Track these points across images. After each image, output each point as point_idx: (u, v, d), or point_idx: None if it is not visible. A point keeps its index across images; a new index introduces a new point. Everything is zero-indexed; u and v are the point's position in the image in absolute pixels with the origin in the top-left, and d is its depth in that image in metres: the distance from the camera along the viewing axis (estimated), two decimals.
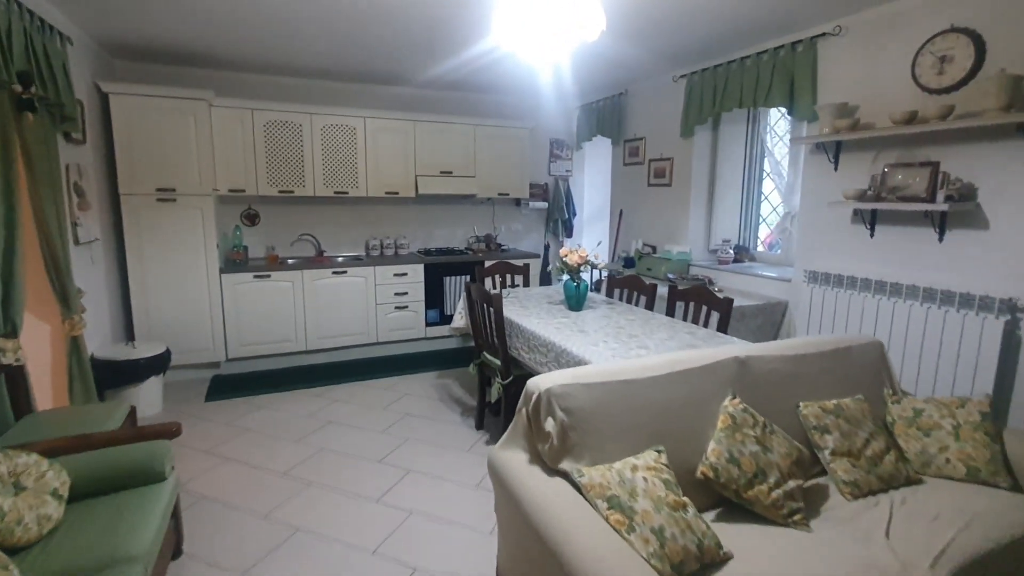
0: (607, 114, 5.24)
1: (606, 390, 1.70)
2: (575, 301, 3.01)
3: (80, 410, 2.44)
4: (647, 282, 3.35)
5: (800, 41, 3.35)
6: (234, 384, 4.00)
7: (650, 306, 3.23)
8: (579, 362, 2.20)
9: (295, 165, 4.39)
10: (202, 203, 3.92)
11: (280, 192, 4.38)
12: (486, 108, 5.40)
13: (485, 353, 3.13)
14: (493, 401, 2.91)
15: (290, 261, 4.58)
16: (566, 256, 2.99)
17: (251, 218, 4.64)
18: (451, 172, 4.95)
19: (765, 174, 4.43)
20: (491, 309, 2.87)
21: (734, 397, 1.84)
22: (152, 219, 3.81)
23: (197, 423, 3.33)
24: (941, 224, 2.76)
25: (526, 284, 4.13)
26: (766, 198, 4.52)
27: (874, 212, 3.05)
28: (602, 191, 6.13)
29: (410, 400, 3.72)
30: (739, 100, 3.76)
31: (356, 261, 4.60)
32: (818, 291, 3.31)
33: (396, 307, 4.66)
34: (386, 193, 4.74)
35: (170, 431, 2.03)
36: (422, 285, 4.73)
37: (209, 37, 3.59)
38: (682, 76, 4.35)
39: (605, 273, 4.74)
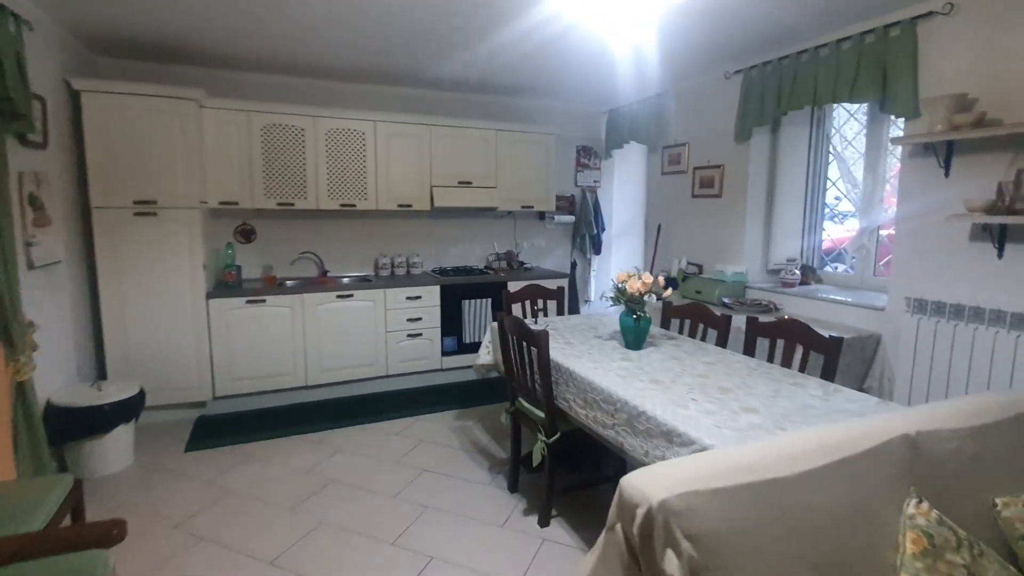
0: (642, 118, 4.71)
1: (745, 498, 1.12)
2: (634, 339, 2.44)
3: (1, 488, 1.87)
4: (717, 313, 2.77)
5: (896, 24, 2.81)
6: (221, 427, 3.44)
7: (722, 342, 2.65)
8: (668, 434, 1.62)
9: (296, 174, 3.87)
10: (188, 218, 3.39)
11: (279, 205, 3.86)
12: (507, 113, 4.89)
13: (521, 400, 2.55)
14: (535, 465, 2.33)
15: (289, 283, 4.05)
16: (624, 282, 2.42)
17: (245, 234, 4.12)
18: (470, 182, 4.42)
19: (829, 182, 3.88)
20: (533, 350, 2.31)
21: (919, 500, 1.26)
22: (129, 236, 3.28)
23: (172, 482, 2.76)
24: None
25: (560, 311, 3.57)
26: (832, 211, 3.95)
27: (1003, 227, 2.48)
28: (632, 203, 5.59)
29: (427, 450, 3.14)
30: (812, 96, 3.21)
31: (364, 282, 4.05)
32: (927, 323, 2.72)
33: (409, 335, 4.10)
34: (398, 206, 4.20)
35: (109, 533, 1.46)
36: (438, 309, 4.18)
37: (202, 29, 3.10)
38: (736, 72, 3.81)
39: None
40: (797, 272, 3.71)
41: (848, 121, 3.71)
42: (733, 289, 3.86)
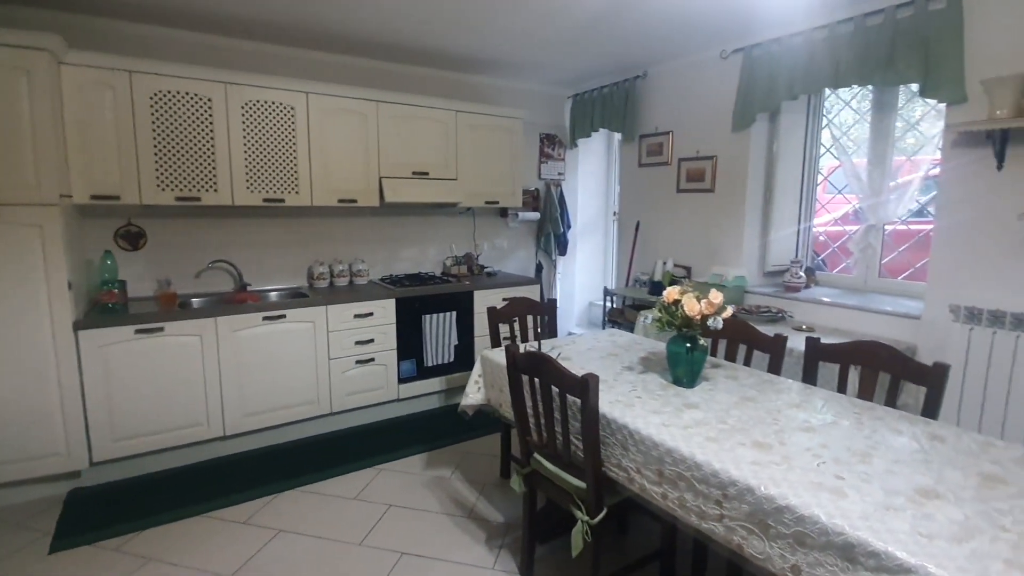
0: (616, 103, 4.21)
1: None
2: (688, 374, 1.89)
3: None
4: (763, 331, 2.29)
5: None
6: (104, 506, 2.49)
7: (776, 369, 2.17)
8: (848, 549, 1.06)
9: (202, 160, 2.95)
10: (42, 217, 2.40)
11: (179, 200, 2.92)
12: (464, 92, 4.19)
13: (542, 460, 1.92)
14: (575, 555, 1.71)
15: (195, 302, 3.11)
16: (676, 301, 1.85)
17: (131, 239, 3.12)
18: (427, 173, 3.68)
19: (820, 176, 3.58)
20: (571, 400, 1.68)
21: None
22: None
23: None
24: None
25: (552, 330, 2.96)
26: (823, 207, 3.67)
27: None
28: (597, 198, 5.11)
29: (399, 520, 2.42)
30: (834, 78, 2.83)
31: (297, 299, 3.20)
32: (982, 334, 2.41)
33: (358, 361, 3.31)
34: (339, 201, 3.38)
35: None
36: (393, 328, 3.42)
37: None
38: (736, 51, 3.39)
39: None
40: (802, 274, 3.37)
41: (843, 109, 3.42)
42: (734, 295, 3.45)
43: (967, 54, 2.43)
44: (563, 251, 4.85)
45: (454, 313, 3.63)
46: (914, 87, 2.75)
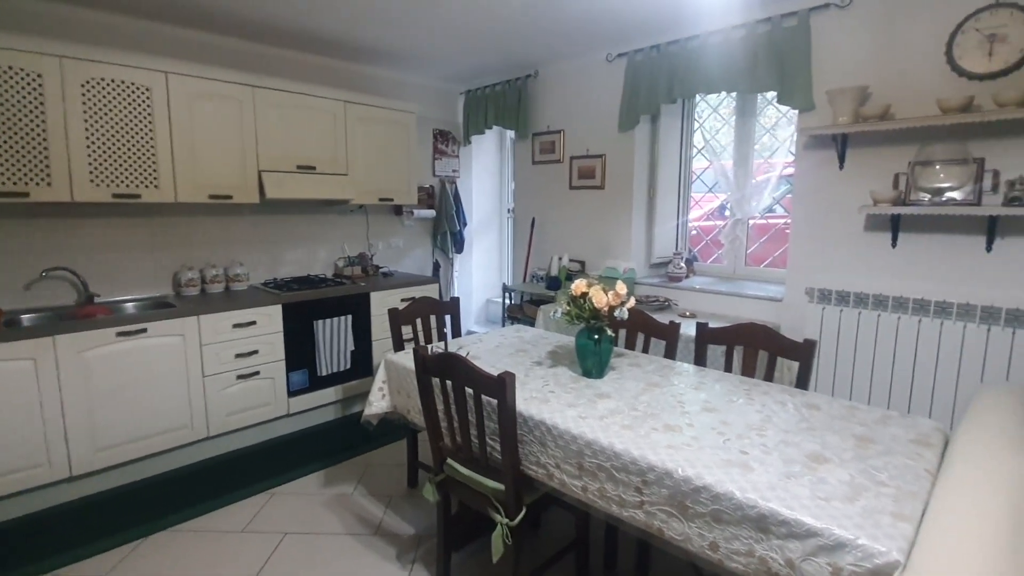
0: (509, 101, 4.23)
1: None
2: (596, 365, 1.92)
3: None
4: (657, 319, 2.41)
5: (792, 13, 2.77)
6: None
7: (671, 353, 2.30)
8: (761, 520, 1.13)
9: (29, 147, 2.45)
10: None
11: (1, 195, 2.41)
12: (354, 83, 3.96)
13: (456, 465, 1.84)
14: (496, 559, 1.65)
15: (26, 319, 2.60)
16: (584, 293, 1.88)
17: None
18: (313, 168, 3.41)
19: (692, 175, 3.90)
20: (486, 400, 1.63)
21: None
22: None
23: None
24: (990, 230, 2.36)
25: (456, 329, 2.88)
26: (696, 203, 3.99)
27: (896, 218, 2.58)
28: (490, 196, 5.12)
29: (298, 548, 2.19)
30: (707, 84, 3.08)
31: (162, 309, 2.80)
32: (832, 312, 2.76)
33: (240, 376, 2.97)
34: (211, 197, 3.01)
35: None
36: (280, 336, 3.12)
37: None
38: (620, 55, 3.55)
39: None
40: (683, 265, 3.63)
41: (711, 115, 3.74)
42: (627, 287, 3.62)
43: (814, 67, 2.76)
44: (460, 249, 4.78)
45: (349, 317, 3.41)
46: (771, 95, 3.08)
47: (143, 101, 2.74)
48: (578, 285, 1.89)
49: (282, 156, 3.26)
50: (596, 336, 1.90)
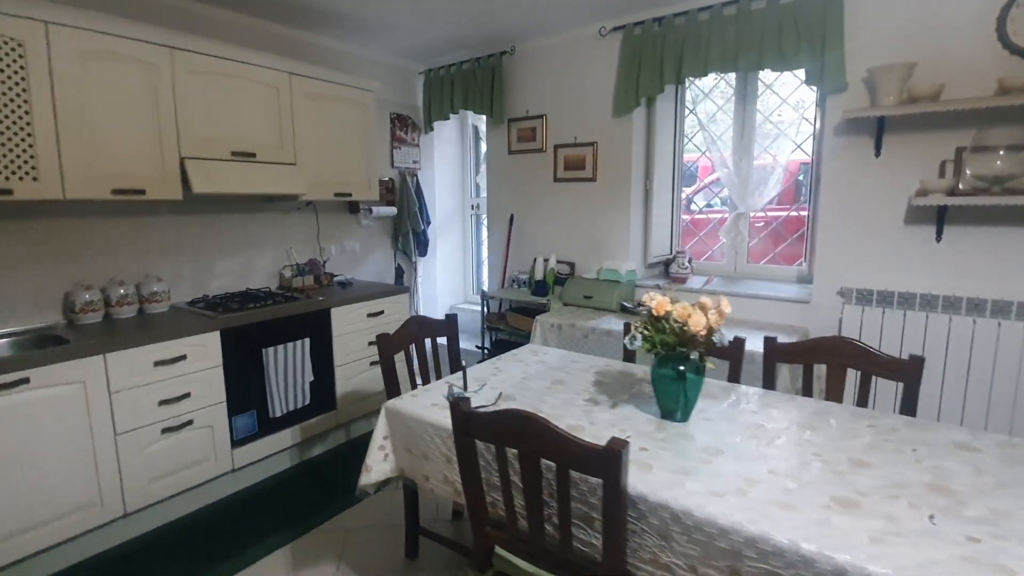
0: (480, 81, 3.70)
1: None
2: (684, 406, 1.48)
3: None
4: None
5: None
6: None
7: (735, 376, 1.90)
8: None
9: None
10: None
11: None
12: (297, 53, 3.26)
13: (510, 557, 1.33)
14: None
15: None
16: (668, 314, 1.42)
17: None
18: (253, 155, 2.72)
19: (690, 164, 3.59)
20: (578, 479, 1.14)
21: None
22: None
23: None
24: None
25: (454, 354, 2.34)
26: (692, 199, 3.68)
27: (943, 209, 2.36)
28: (453, 190, 4.57)
29: None
30: (734, 61, 2.72)
31: (49, 349, 2.03)
32: (873, 314, 2.50)
33: (166, 429, 2.26)
34: (115, 193, 2.26)
35: None
36: (219, 372, 2.43)
37: None
38: (616, 29, 3.13)
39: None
40: (688, 265, 3.30)
41: (704, 100, 3.44)
42: (628, 291, 3.24)
43: (847, 42, 2.48)
44: (423, 251, 4.19)
45: (307, 341, 2.75)
46: (770, 78, 2.78)
47: (13, 61, 1.95)
48: (660, 303, 1.44)
49: (213, 139, 2.55)
50: (681, 367, 1.46)
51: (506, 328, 3.58)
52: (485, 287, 4.33)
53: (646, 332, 1.46)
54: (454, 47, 3.67)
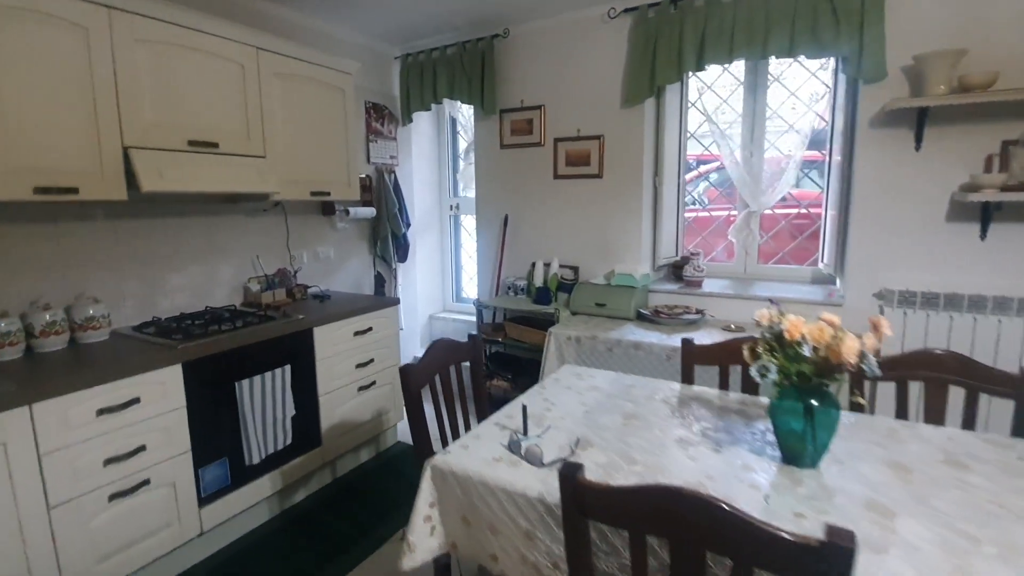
0: (468, 68, 3.34)
1: None
2: (810, 451, 1.21)
3: None
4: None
5: None
6: None
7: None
8: None
9: None
10: None
11: None
12: (259, 25, 2.77)
13: None
14: None
15: None
16: (802, 338, 1.14)
17: None
18: (216, 145, 2.23)
19: (691, 162, 3.38)
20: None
21: None
22: None
23: None
24: None
25: (478, 386, 1.97)
26: (693, 196, 3.48)
27: (988, 206, 2.23)
28: (431, 188, 4.18)
29: None
30: (762, 46, 2.50)
31: None
32: (916, 317, 2.36)
33: (116, 494, 1.76)
34: (38, 192, 1.74)
35: None
36: (183, 415, 1.95)
37: None
38: (627, 10, 2.86)
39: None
40: (703, 267, 3.08)
41: (706, 92, 3.24)
42: (643, 297, 2.98)
43: (887, 27, 2.32)
44: (403, 257, 3.77)
45: (287, 368, 2.30)
46: (778, 70, 2.61)
47: None
48: (794, 324, 1.16)
49: (165, 125, 2.05)
50: (815, 402, 1.18)
51: (505, 340, 3.24)
52: (467, 294, 3.96)
53: (770, 357, 1.17)
54: (439, 28, 3.28)
